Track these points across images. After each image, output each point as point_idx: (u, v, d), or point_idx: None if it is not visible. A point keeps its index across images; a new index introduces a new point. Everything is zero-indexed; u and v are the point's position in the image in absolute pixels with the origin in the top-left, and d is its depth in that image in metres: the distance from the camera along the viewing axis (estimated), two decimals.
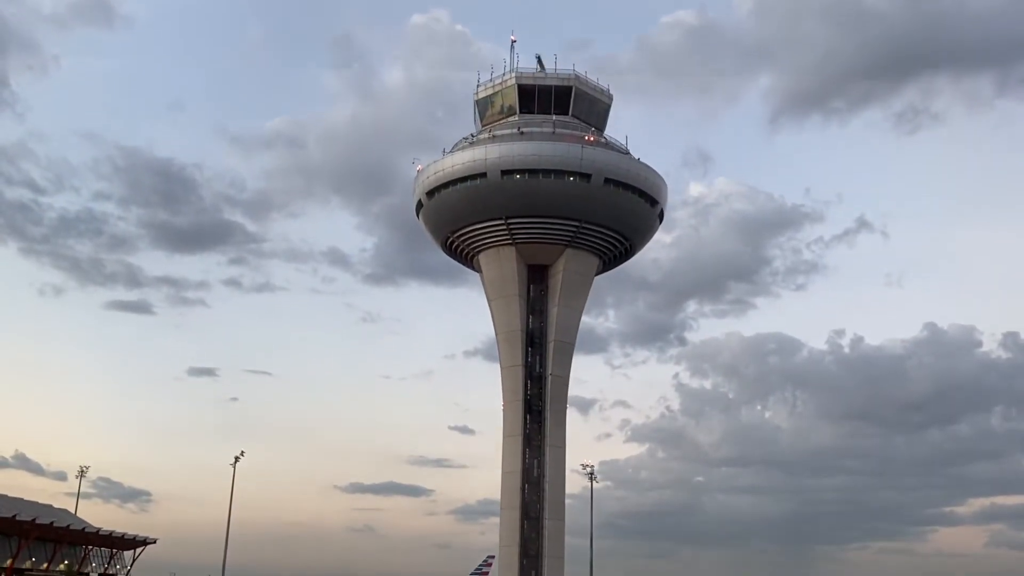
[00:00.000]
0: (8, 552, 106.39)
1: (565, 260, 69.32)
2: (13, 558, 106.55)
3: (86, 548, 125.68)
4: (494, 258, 69.99)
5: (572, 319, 71.28)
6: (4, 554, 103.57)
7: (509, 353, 69.98)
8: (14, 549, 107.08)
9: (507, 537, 67.38)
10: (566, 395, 70.73)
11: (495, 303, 71.07)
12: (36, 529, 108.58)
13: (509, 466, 68.39)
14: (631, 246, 71.79)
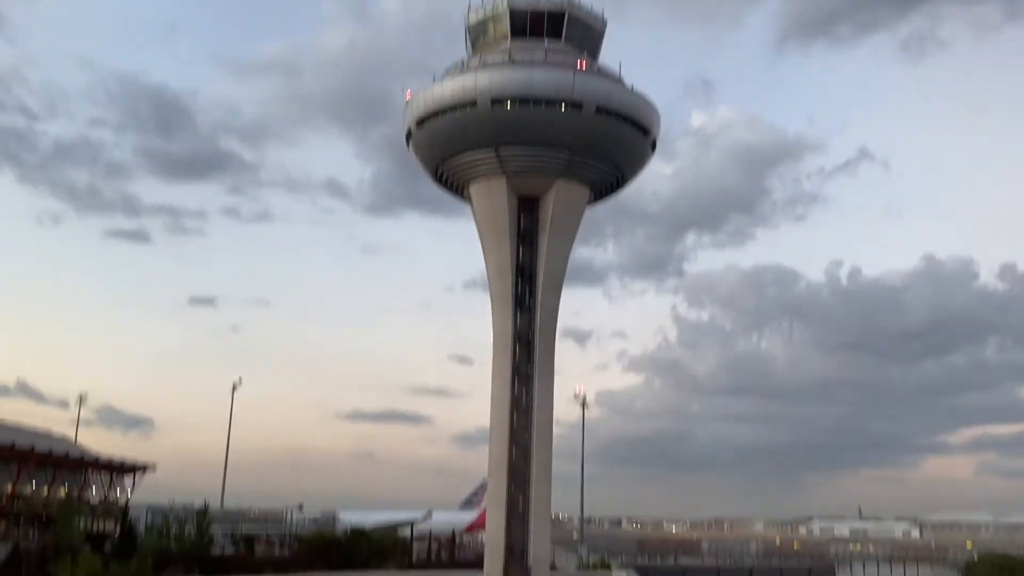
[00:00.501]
0: (8, 478, 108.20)
1: (556, 191, 68.99)
2: (13, 484, 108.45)
3: (86, 474, 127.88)
4: (484, 189, 69.66)
5: (563, 251, 71.30)
6: (3, 480, 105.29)
7: (498, 284, 70.16)
8: (14, 475, 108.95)
9: (495, 463, 68.46)
10: (555, 326, 71.11)
11: (485, 234, 71.02)
12: (35, 456, 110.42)
13: (498, 395, 69.12)
14: (623, 177, 71.45)
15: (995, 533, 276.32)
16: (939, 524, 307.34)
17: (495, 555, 67.46)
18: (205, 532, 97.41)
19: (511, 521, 67.54)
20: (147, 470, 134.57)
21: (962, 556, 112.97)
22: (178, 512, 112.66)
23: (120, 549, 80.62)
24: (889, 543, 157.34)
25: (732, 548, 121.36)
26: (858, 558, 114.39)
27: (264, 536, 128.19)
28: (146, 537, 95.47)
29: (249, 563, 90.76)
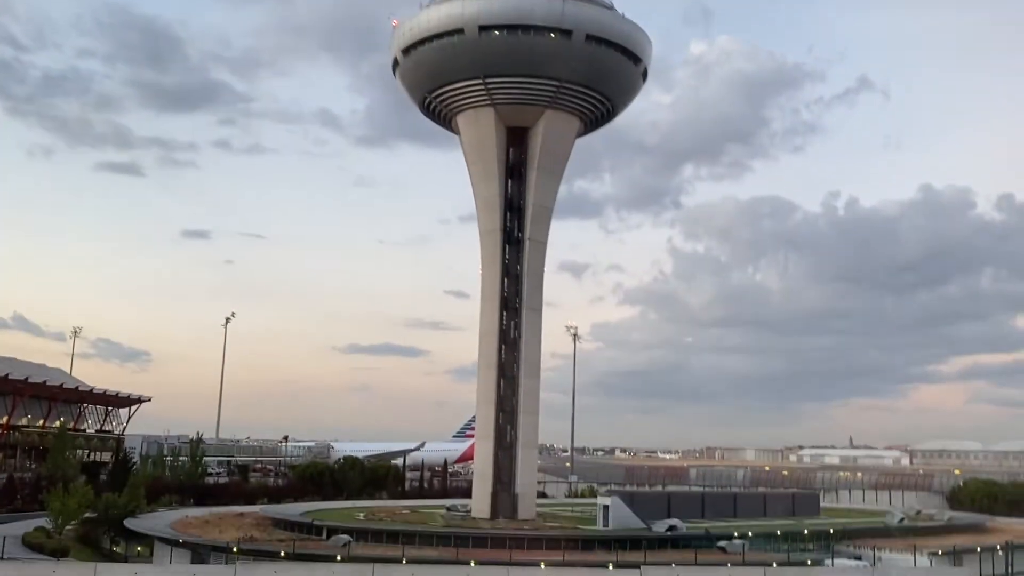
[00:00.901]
0: (3, 410, 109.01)
1: (545, 122, 68.08)
2: (8, 415, 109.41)
3: (81, 406, 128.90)
4: (472, 120, 68.72)
5: (552, 184, 70.67)
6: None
7: (487, 217, 69.70)
8: (9, 407, 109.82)
9: (484, 394, 68.96)
10: (544, 260, 70.96)
11: (473, 166, 70.30)
12: (29, 388, 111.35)
13: (487, 328, 69.27)
14: (613, 107, 70.42)
15: (984, 460, 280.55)
16: (929, 452, 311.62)
17: (483, 483, 68.40)
18: (199, 462, 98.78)
19: (499, 451, 68.31)
20: (142, 402, 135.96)
21: (948, 482, 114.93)
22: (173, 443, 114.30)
23: (115, 478, 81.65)
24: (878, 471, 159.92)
25: (720, 475, 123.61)
26: (844, 485, 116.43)
27: (260, 465, 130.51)
28: (141, 467, 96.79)
29: (243, 491, 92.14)
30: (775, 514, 75.27)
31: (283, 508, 72.45)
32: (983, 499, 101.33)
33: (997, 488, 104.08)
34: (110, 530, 65.17)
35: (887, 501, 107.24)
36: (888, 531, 68.43)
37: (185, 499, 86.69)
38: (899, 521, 73.76)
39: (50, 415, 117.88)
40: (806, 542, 63.28)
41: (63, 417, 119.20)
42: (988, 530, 74.94)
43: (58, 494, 62.99)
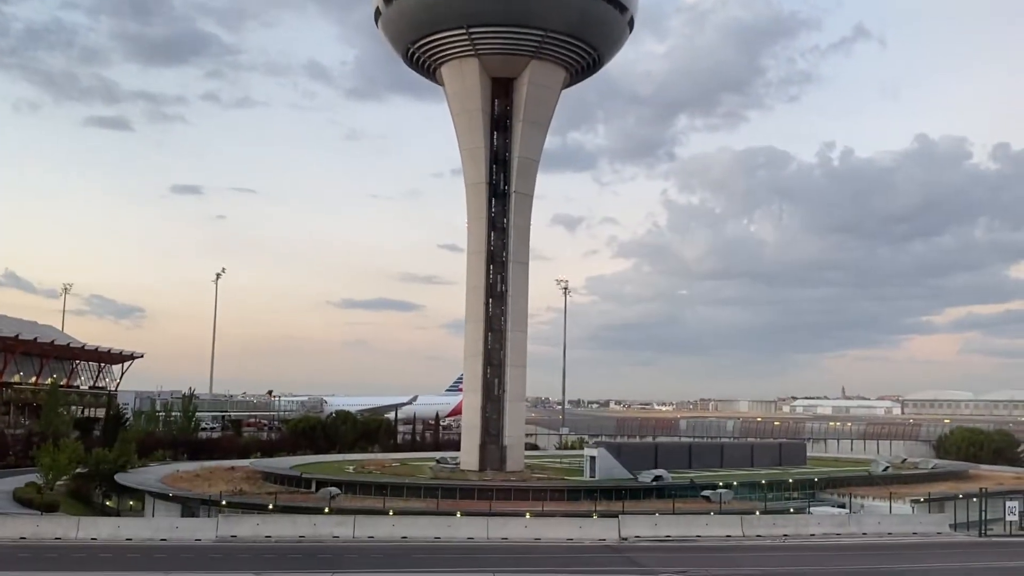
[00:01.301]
0: None
1: (530, 73, 67.31)
2: (0, 372, 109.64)
3: (73, 363, 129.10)
4: (456, 71, 67.95)
5: (538, 135, 70.12)
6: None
7: (473, 170, 69.26)
8: (0, 364, 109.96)
9: (471, 348, 69.12)
10: (530, 213, 70.60)
11: (458, 118, 69.64)
12: (20, 344, 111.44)
13: (473, 281, 69.22)
14: (599, 57, 69.58)
15: (975, 410, 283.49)
16: (921, 402, 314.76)
17: (471, 436, 68.89)
18: (191, 417, 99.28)
19: (487, 404, 68.68)
20: (135, 358, 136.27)
21: (935, 432, 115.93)
22: (166, 398, 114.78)
23: (107, 434, 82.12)
24: (869, 421, 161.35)
25: (710, 426, 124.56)
26: (833, 435, 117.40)
27: (254, 420, 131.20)
28: (133, 422, 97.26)
29: (235, 446, 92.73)
30: (762, 464, 76.03)
31: (273, 462, 72.98)
32: (968, 447, 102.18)
33: (982, 436, 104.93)
34: (101, 485, 65.69)
35: (875, 450, 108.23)
36: (872, 479, 69.22)
37: (178, 454, 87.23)
38: (883, 469, 74.59)
39: (42, 372, 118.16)
40: (791, 491, 64.04)
41: (55, 374, 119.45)
42: (970, 477, 75.83)
43: (48, 450, 63.30)
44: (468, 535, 38.07)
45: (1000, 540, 40.71)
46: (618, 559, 33.00)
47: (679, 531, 39.41)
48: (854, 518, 45.22)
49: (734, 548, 36.19)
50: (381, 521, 40.31)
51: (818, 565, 29.60)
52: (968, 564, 30.30)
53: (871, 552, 34.81)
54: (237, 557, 32.35)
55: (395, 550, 35.00)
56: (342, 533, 37.75)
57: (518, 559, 32.54)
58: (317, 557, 32.53)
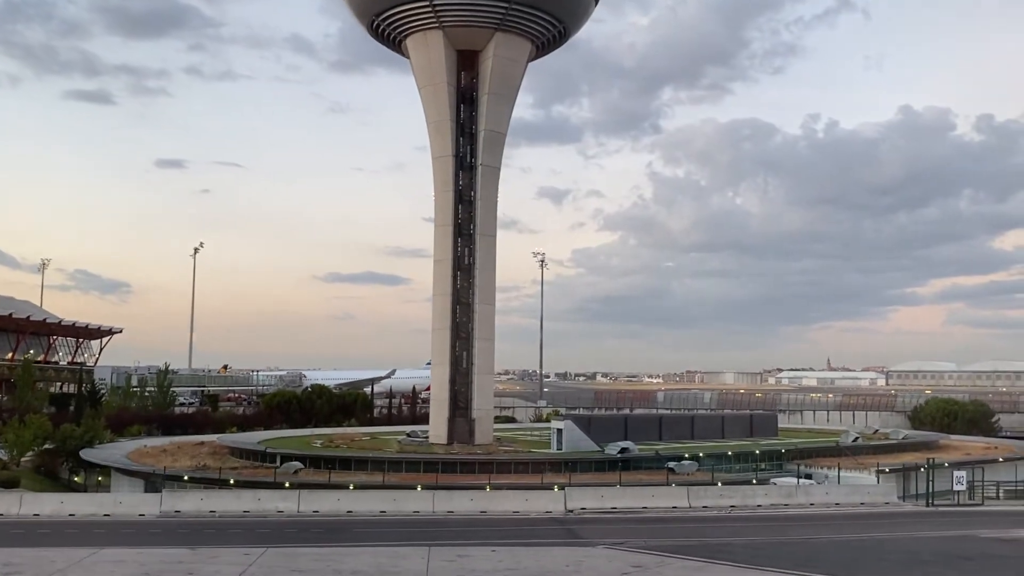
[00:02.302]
0: None
1: (495, 45, 66.69)
2: None
3: (51, 338, 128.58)
4: (421, 43, 67.29)
5: (504, 108, 69.59)
6: None
7: (439, 143, 68.78)
8: None
9: (439, 321, 69.02)
10: (497, 186, 70.31)
11: (424, 90, 69.04)
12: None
13: (440, 254, 69.01)
14: (565, 29, 68.91)
15: (958, 380, 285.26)
16: (905, 373, 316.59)
17: (440, 410, 68.96)
18: (167, 392, 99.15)
19: (455, 377, 68.69)
20: (113, 333, 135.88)
21: (911, 402, 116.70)
22: (143, 373, 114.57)
23: (80, 410, 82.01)
24: (853, 392, 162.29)
25: (687, 398, 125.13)
26: (810, 406, 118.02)
27: (233, 395, 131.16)
28: (108, 397, 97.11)
29: (210, 421, 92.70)
30: (733, 435, 76.35)
31: (240, 437, 73.00)
32: (943, 418, 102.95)
33: (957, 407, 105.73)
34: (67, 460, 65.63)
35: (851, 421, 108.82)
36: (840, 450, 69.56)
37: (152, 429, 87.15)
38: (853, 440, 74.99)
39: (18, 348, 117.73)
40: (758, 462, 64.37)
41: (32, 350, 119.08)
42: (940, 448, 76.38)
43: (14, 425, 63.15)
44: (414, 509, 38.16)
45: (946, 510, 41.06)
46: (559, 531, 33.13)
47: (626, 503, 39.57)
48: (802, 489, 45.48)
49: (677, 519, 36.39)
50: (327, 495, 40.36)
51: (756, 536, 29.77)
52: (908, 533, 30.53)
53: (813, 522, 35.03)
54: (176, 532, 32.33)
55: (337, 524, 35.07)
56: (287, 508, 37.79)
57: (458, 532, 32.61)
58: (256, 532, 32.53)
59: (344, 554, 24.89)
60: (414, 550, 25.58)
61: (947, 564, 23.96)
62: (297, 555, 24.86)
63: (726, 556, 24.46)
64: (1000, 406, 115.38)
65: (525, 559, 24.77)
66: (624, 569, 23.37)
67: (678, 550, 25.99)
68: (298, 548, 25.93)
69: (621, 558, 25.19)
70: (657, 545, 27.08)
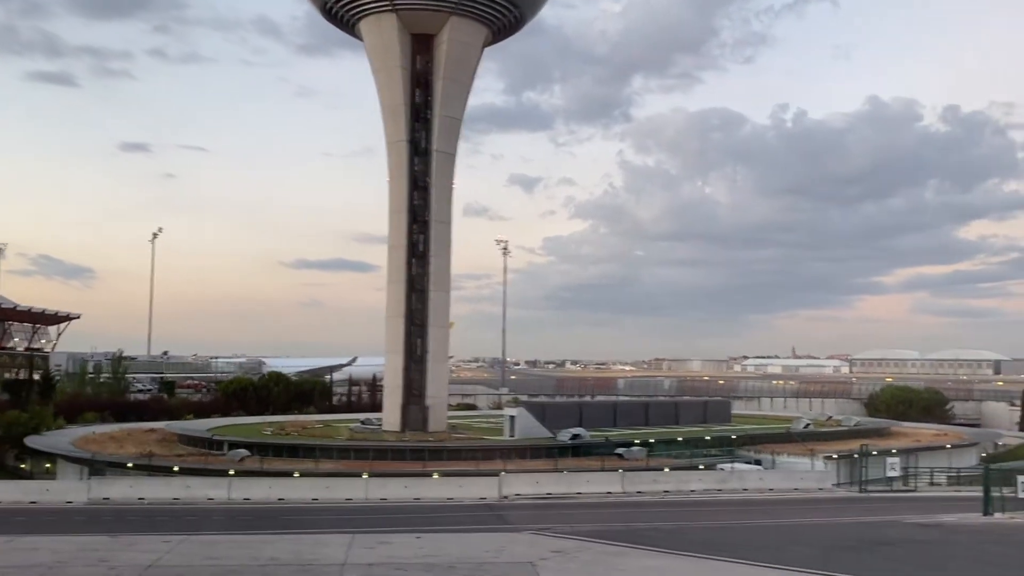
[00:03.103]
0: None
1: (450, 29, 66.28)
2: None
3: (6, 324, 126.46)
4: (375, 26, 66.75)
5: (459, 93, 69.25)
6: None
7: (393, 128, 68.35)
8: None
9: (393, 308, 68.78)
10: (453, 171, 70.03)
11: (378, 75, 68.54)
12: None
13: (395, 240, 68.70)
14: (521, 14, 68.64)
15: (920, 368, 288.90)
16: (868, 361, 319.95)
17: (393, 397, 68.76)
18: (121, 378, 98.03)
19: (410, 364, 68.49)
20: (71, 319, 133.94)
21: (868, 389, 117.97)
22: (99, 359, 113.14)
23: (23, 397, 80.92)
24: (816, 379, 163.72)
25: (648, 385, 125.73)
26: (768, 393, 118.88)
27: (192, 381, 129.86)
28: (62, 384, 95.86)
29: (165, 408, 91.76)
30: (687, 421, 76.84)
31: (190, 424, 72.34)
32: (898, 405, 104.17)
33: (912, 394, 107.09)
34: (13, 448, 64.70)
35: (808, 408, 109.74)
36: (790, 436, 70.21)
37: (106, 416, 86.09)
38: (804, 427, 75.72)
39: None
40: (708, 448, 64.80)
41: None
42: (891, 435, 77.38)
43: None
44: (347, 496, 38.03)
45: (878, 496, 41.54)
46: (488, 517, 33.12)
47: (561, 489, 39.69)
48: (736, 475, 45.83)
49: (610, 504, 36.54)
50: (259, 483, 40.11)
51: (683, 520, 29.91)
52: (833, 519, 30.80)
53: (743, 508, 35.30)
54: (100, 520, 31.96)
55: (268, 512, 34.82)
56: (218, 495, 37.49)
57: (388, 519, 32.50)
58: (183, 519, 32.22)
59: (264, 542, 24.53)
60: (337, 537, 25.28)
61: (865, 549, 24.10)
62: (216, 543, 24.51)
63: (647, 541, 24.49)
64: (955, 394, 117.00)
65: (448, 545, 24.59)
66: (543, 554, 23.28)
67: (601, 535, 25.98)
68: (218, 536, 25.63)
69: (543, 543, 25.11)
70: (582, 530, 27.08)
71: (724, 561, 21.97)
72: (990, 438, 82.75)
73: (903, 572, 18.93)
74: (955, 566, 20.65)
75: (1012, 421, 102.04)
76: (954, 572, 20.19)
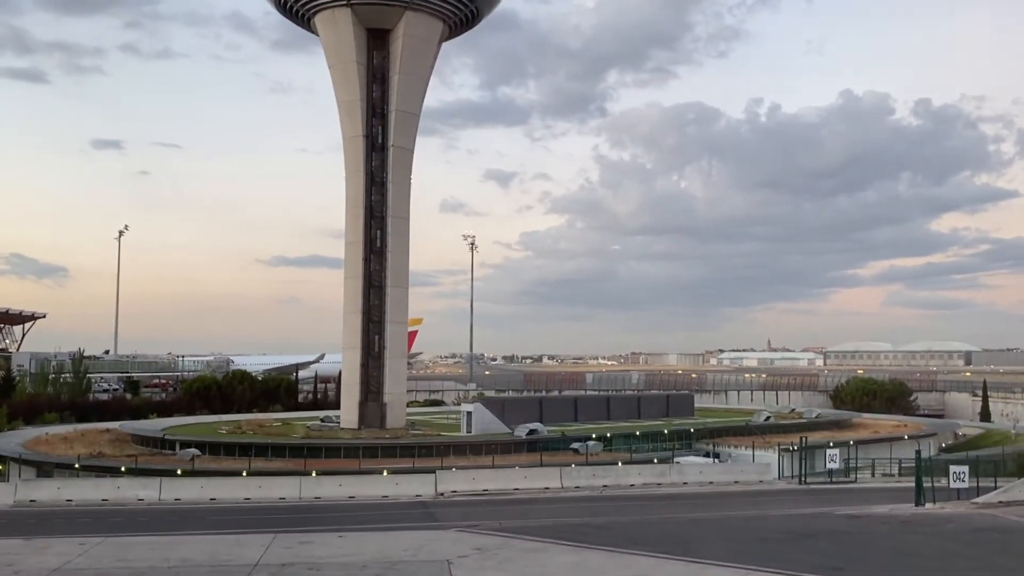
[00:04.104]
0: None
1: (405, 24, 65.88)
2: None
3: None
4: (329, 20, 66.27)
5: (416, 88, 68.83)
6: None
7: (349, 123, 67.88)
8: None
9: (350, 304, 68.43)
10: (411, 167, 69.63)
11: (333, 70, 68.01)
12: None
13: (351, 236, 68.32)
14: (477, 10, 68.30)
15: (893, 360, 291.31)
16: (843, 353, 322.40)
17: (351, 394, 68.38)
18: (83, 378, 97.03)
19: (368, 360, 68.12)
20: (36, 319, 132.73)
21: (833, 381, 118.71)
22: (64, 359, 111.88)
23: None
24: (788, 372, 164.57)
25: (616, 379, 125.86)
26: (734, 386, 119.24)
27: (158, 380, 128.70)
28: (22, 384, 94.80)
29: (127, 407, 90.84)
30: (649, 415, 76.87)
31: (144, 424, 71.63)
32: (863, 397, 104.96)
33: (876, 386, 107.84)
34: None
35: (774, 401, 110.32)
36: (749, 429, 70.42)
37: (67, 416, 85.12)
38: (764, 419, 76.09)
39: None
40: (666, 441, 64.87)
41: None
42: (851, 426, 77.81)
43: None
44: (280, 495, 37.70)
45: (816, 488, 41.63)
46: (417, 514, 32.92)
47: (498, 485, 39.55)
48: (676, 468, 45.89)
49: (545, 500, 36.46)
50: (191, 483, 39.71)
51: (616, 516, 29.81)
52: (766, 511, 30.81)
53: (679, 501, 35.34)
54: (22, 522, 31.49)
55: (195, 512, 34.44)
56: (147, 496, 37.07)
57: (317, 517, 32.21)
58: (107, 520, 31.80)
59: (180, 543, 24.33)
60: (257, 537, 25.07)
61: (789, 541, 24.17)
62: (133, 544, 24.25)
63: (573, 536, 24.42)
64: (920, 385, 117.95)
65: (369, 544, 24.45)
66: (463, 552, 23.19)
67: (528, 531, 25.90)
68: (136, 537, 25.34)
69: (466, 541, 24.99)
70: (510, 527, 27.01)
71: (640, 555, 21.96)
72: (950, 428, 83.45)
73: (818, 562, 18.95)
74: (871, 555, 20.73)
75: (975, 411, 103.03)
76: (869, 561, 20.27)
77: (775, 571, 18.35)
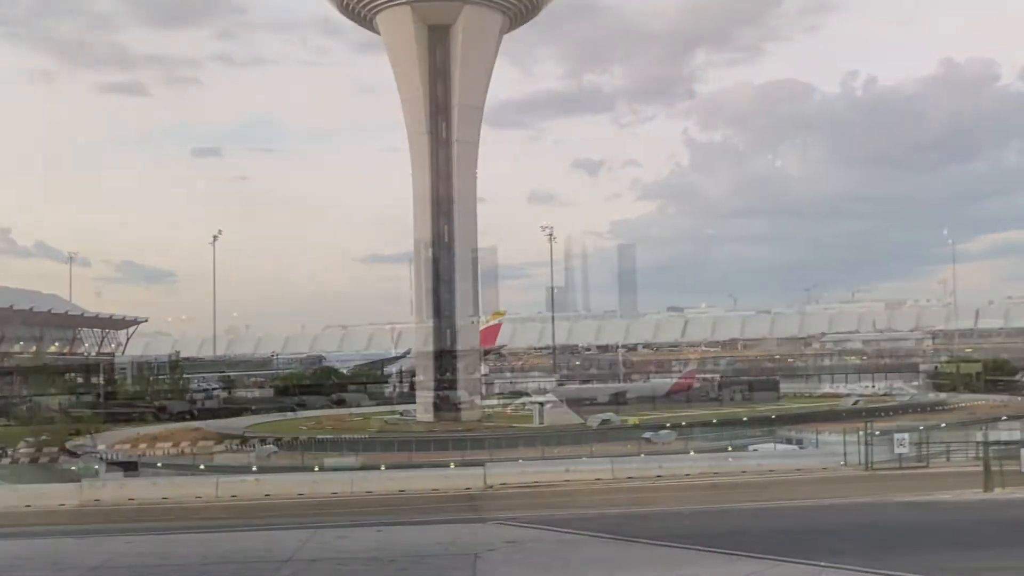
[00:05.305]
0: None
1: (465, 18, 66.05)
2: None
3: (75, 330, 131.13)
4: (391, 19, 66.94)
5: (479, 81, 68.93)
6: None
7: (414, 119, 68.48)
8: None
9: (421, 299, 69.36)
10: (476, 159, 69.80)
11: (396, 67, 68.70)
12: (16, 315, 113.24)
13: (420, 232, 68.83)
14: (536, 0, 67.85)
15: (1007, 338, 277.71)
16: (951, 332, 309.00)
17: (425, 388, 69.08)
18: (178, 380, 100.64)
19: (441, 355, 68.69)
20: (138, 323, 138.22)
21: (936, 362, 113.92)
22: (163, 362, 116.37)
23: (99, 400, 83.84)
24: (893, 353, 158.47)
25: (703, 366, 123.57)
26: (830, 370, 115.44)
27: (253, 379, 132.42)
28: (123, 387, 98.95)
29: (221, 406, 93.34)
30: (732, 402, 75.30)
31: (229, 422, 73.70)
32: (962, 377, 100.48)
33: (975, 366, 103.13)
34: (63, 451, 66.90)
35: (870, 384, 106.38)
36: (837, 414, 68.06)
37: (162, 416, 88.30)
38: (853, 403, 73.54)
39: (43, 341, 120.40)
40: (747, 428, 63.25)
41: (57, 343, 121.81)
42: (946, 409, 74.50)
43: None
44: (332, 490, 38.18)
45: (882, 473, 39.80)
46: (463, 507, 32.89)
47: (548, 476, 39.15)
48: (735, 455, 44.57)
49: (592, 492, 35.88)
50: (247, 479, 40.61)
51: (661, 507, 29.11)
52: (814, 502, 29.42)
53: (728, 490, 34.28)
54: (81, 522, 32.68)
55: (249, 508, 35.14)
56: (205, 493, 38.04)
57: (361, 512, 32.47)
58: (163, 519, 32.68)
59: (222, 539, 24.75)
60: (296, 533, 25.28)
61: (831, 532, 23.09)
62: (176, 541, 24.83)
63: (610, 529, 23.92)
64: None
65: (403, 538, 24.44)
66: (495, 545, 23.01)
67: (567, 523, 25.42)
68: (181, 535, 25.95)
69: (500, 534, 24.66)
70: (550, 519, 26.50)
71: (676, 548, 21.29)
72: None
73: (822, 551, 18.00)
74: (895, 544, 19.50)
75: None
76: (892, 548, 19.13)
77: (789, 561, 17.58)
